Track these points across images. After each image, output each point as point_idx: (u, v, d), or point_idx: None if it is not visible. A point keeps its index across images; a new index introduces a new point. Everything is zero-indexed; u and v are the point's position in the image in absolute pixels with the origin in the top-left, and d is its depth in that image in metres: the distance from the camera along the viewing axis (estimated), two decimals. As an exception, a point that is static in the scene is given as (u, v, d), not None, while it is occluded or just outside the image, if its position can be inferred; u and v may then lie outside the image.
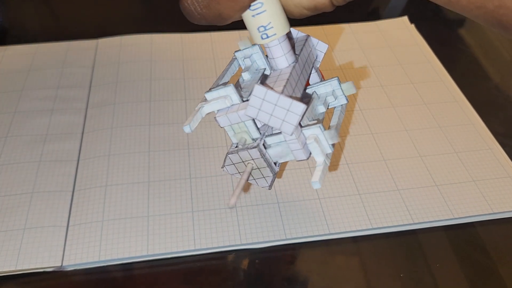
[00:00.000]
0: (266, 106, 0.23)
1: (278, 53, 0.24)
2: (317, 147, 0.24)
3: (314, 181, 0.24)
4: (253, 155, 0.25)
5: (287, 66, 0.25)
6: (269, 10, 0.23)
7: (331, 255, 0.31)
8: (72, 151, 0.37)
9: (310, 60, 0.27)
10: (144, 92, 0.42)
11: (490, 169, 0.36)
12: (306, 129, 0.25)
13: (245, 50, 0.27)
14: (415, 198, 0.34)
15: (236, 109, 0.25)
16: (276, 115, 0.23)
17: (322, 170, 0.24)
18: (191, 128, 0.25)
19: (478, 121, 0.40)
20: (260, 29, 0.23)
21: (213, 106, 0.25)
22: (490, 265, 0.31)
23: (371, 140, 0.38)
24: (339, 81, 0.28)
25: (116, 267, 0.30)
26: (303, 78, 0.26)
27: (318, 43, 0.28)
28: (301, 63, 0.26)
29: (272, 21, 0.23)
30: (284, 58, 0.25)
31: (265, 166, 0.26)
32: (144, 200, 0.34)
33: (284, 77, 0.24)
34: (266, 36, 0.23)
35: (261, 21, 0.23)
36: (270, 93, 0.22)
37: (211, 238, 0.31)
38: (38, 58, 0.46)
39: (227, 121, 0.25)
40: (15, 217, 0.32)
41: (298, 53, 0.26)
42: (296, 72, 0.25)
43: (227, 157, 0.26)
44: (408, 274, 0.30)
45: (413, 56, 0.47)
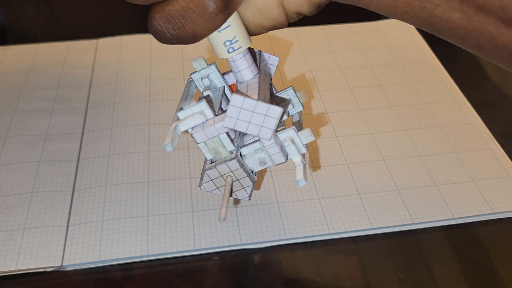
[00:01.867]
0: (244, 115, 0.23)
1: (244, 65, 0.25)
2: (294, 148, 0.25)
3: (298, 179, 0.25)
4: (232, 166, 0.26)
5: (253, 77, 0.26)
6: (233, 25, 0.24)
7: (330, 255, 0.31)
8: (72, 151, 0.37)
9: (267, 73, 0.28)
10: (144, 92, 0.42)
11: (490, 169, 0.36)
12: (281, 133, 0.26)
13: (201, 71, 0.28)
14: (415, 198, 0.34)
15: (212, 123, 0.25)
16: (254, 122, 0.24)
17: (303, 168, 0.26)
18: (172, 147, 0.25)
19: (478, 121, 0.40)
20: (226, 43, 0.24)
21: (188, 124, 0.25)
22: (490, 265, 0.31)
23: (371, 140, 0.38)
24: (294, 89, 0.29)
25: (116, 267, 0.30)
26: (267, 87, 0.27)
27: (270, 57, 0.29)
28: (263, 74, 0.27)
29: (237, 35, 0.24)
30: (249, 70, 0.26)
31: (244, 176, 0.26)
32: (144, 200, 0.34)
33: (254, 86, 0.25)
34: (232, 50, 0.24)
35: (227, 35, 0.23)
36: (248, 101, 0.23)
37: (211, 238, 0.31)
38: (38, 58, 0.46)
39: (204, 136, 0.25)
40: (15, 217, 0.32)
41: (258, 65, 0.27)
42: (262, 82, 0.26)
43: (204, 174, 0.26)
44: (408, 274, 0.30)
45: (413, 56, 0.47)
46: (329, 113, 0.41)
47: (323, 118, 0.40)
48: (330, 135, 0.39)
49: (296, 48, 0.48)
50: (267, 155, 0.26)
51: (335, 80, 0.44)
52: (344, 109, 0.41)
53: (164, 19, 0.22)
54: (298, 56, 0.47)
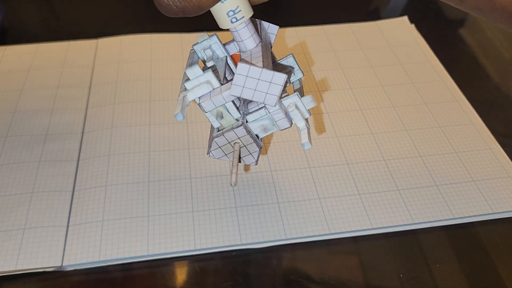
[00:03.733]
0: (250, 82, 0.24)
1: (246, 34, 0.26)
2: (298, 113, 0.27)
3: (304, 142, 0.26)
4: (239, 133, 0.27)
5: (255, 46, 0.26)
6: None
7: (331, 255, 0.31)
8: (72, 151, 0.37)
9: (268, 41, 0.29)
10: (144, 92, 0.42)
11: (490, 169, 0.36)
12: (285, 99, 0.26)
13: (203, 42, 0.28)
14: (415, 198, 0.34)
15: (218, 91, 0.26)
16: (259, 89, 0.24)
17: (307, 132, 0.27)
18: (183, 115, 0.26)
19: (478, 121, 0.40)
20: (229, 13, 0.24)
21: (196, 93, 0.26)
22: (490, 265, 0.31)
23: (371, 140, 0.38)
24: (293, 57, 0.30)
25: (116, 267, 0.30)
26: (269, 56, 0.28)
27: (269, 26, 0.30)
28: (264, 43, 0.28)
29: (239, 5, 0.24)
30: (252, 39, 0.26)
31: (251, 142, 0.27)
32: (144, 200, 0.34)
33: (258, 54, 0.26)
34: (235, 20, 0.25)
35: (230, 5, 0.24)
36: (253, 69, 0.24)
37: (211, 238, 0.31)
38: (38, 58, 0.46)
39: (212, 105, 0.26)
40: (15, 217, 0.32)
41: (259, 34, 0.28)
42: (264, 50, 0.27)
43: (213, 141, 0.27)
44: (408, 274, 0.30)
45: (413, 56, 0.47)
46: (329, 113, 0.41)
47: (323, 118, 0.40)
48: (330, 135, 0.39)
49: (296, 48, 0.48)
50: (271, 121, 0.27)
51: (335, 80, 0.44)
52: (344, 109, 0.41)
53: None
54: (298, 56, 0.47)
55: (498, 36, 0.51)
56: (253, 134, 0.27)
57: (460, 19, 0.54)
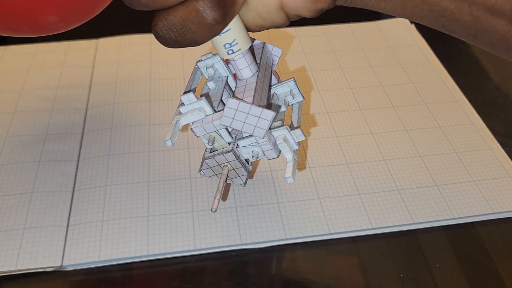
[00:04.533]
0: (239, 116, 0.25)
1: (243, 65, 0.26)
2: (286, 146, 0.27)
3: (287, 176, 0.27)
4: (229, 158, 0.28)
5: (252, 75, 0.27)
6: (233, 29, 0.24)
7: (331, 255, 0.31)
8: (72, 151, 0.37)
9: (268, 65, 0.30)
10: (144, 92, 0.42)
11: (490, 169, 0.36)
12: (275, 131, 0.27)
13: (206, 60, 0.29)
14: (415, 198, 0.34)
15: (210, 119, 0.26)
16: (248, 122, 0.25)
17: (293, 165, 0.28)
18: (172, 142, 0.27)
19: (478, 121, 0.40)
20: (226, 46, 0.25)
21: (188, 119, 0.27)
22: (490, 265, 0.31)
23: (371, 140, 0.38)
24: (295, 81, 0.30)
25: (116, 267, 0.30)
26: (266, 83, 0.28)
27: (273, 48, 0.30)
28: (262, 69, 0.28)
29: (236, 38, 0.25)
30: (248, 69, 0.27)
31: (240, 167, 0.28)
32: (144, 200, 0.34)
33: (251, 86, 0.26)
34: (232, 52, 0.25)
35: (227, 39, 0.25)
36: (243, 104, 0.25)
37: (211, 238, 0.31)
38: (38, 58, 0.46)
39: (203, 131, 0.27)
40: (15, 217, 0.32)
41: (259, 61, 0.28)
42: (260, 80, 0.27)
43: (203, 162, 0.28)
44: (408, 274, 0.30)
45: (413, 56, 0.47)
46: (329, 113, 0.41)
47: (323, 118, 0.40)
48: (330, 135, 0.39)
49: (296, 48, 0.48)
50: (260, 150, 0.28)
51: (335, 80, 0.44)
52: (344, 109, 0.41)
53: (166, 27, 0.23)
54: (298, 56, 0.47)
55: (498, 36, 0.51)
56: (242, 159, 0.28)
57: (460, 19, 0.54)
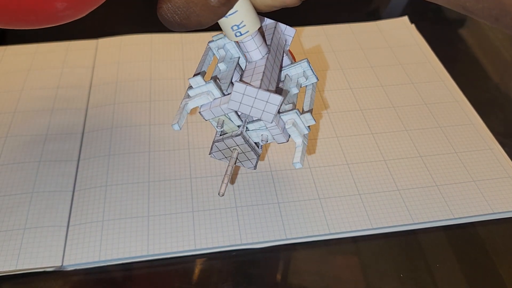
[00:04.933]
0: (247, 100, 0.25)
1: (252, 47, 0.26)
2: (295, 130, 0.26)
3: (295, 162, 0.26)
4: (238, 141, 0.27)
5: (261, 57, 0.26)
6: (240, 10, 0.24)
7: (331, 255, 0.31)
8: (72, 151, 0.37)
9: (281, 45, 0.29)
10: (144, 92, 0.42)
11: (490, 169, 0.36)
12: (284, 115, 0.26)
13: (218, 41, 0.28)
14: (415, 198, 0.34)
15: (218, 103, 0.26)
16: (256, 107, 0.25)
17: (302, 150, 0.27)
18: (179, 126, 0.26)
19: (478, 121, 0.40)
20: (233, 27, 0.24)
21: (196, 102, 0.27)
22: (490, 265, 0.31)
23: (371, 140, 0.38)
24: (308, 62, 0.29)
25: (116, 267, 0.30)
26: (276, 65, 0.28)
27: (286, 28, 0.29)
28: (273, 51, 0.27)
29: (244, 20, 0.24)
30: (257, 51, 0.26)
31: (249, 150, 0.28)
32: (144, 200, 0.34)
33: (259, 70, 0.26)
34: (239, 34, 0.25)
35: (234, 20, 0.24)
36: (250, 89, 0.24)
37: (211, 238, 0.31)
38: (38, 58, 0.46)
39: (211, 114, 0.27)
40: (15, 217, 0.32)
41: (269, 42, 0.27)
42: (270, 62, 0.26)
43: (213, 145, 0.28)
44: (408, 274, 0.30)
45: (413, 56, 0.47)
46: (329, 113, 0.41)
47: (323, 118, 0.40)
48: (330, 135, 0.39)
49: (296, 48, 0.48)
50: (270, 133, 0.27)
51: (335, 80, 0.44)
52: (344, 109, 0.41)
53: (171, 10, 0.23)
54: (298, 56, 0.47)
55: (498, 36, 0.51)
56: (251, 142, 0.28)
57: (460, 19, 0.54)
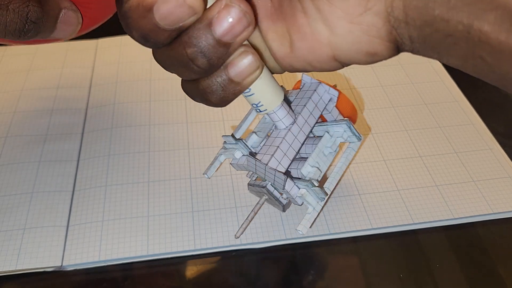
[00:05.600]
0: (260, 168, 0.27)
1: (275, 119, 0.27)
2: (306, 199, 0.28)
3: (298, 229, 0.27)
4: (263, 191, 0.29)
5: (285, 127, 0.27)
6: (257, 93, 0.25)
7: (331, 255, 0.31)
8: (72, 151, 0.37)
9: (320, 104, 0.29)
10: (144, 92, 0.42)
11: (490, 169, 0.36)
12: (299, 183, 0.27)
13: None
14: (415, 198, 0.34)
15: (243, 161, 0.29)
16: (268, 175, 0.27)
17: (309, 219, 0.28)
18: (208, 176, 0.32)
19: (478, 121, 0.40)
20: (253, 105, 0.26)
21: (228, 155, 0.32)
22: (490, 265, 0.31)
23: (371, 141, 0.38)
24: (349, 123, 0.28)
25: (116, 267, 0.30)
26: (304, 131, 0.28)
27: (330, 89, 0.30)
28: (305, 114, 0.28)
29: (261, 101, 0.25)
30: (280, 122, 0.27)
31: (274, 200, 0.30)
32: (144, 200, 0.34)
33: (278, 141, 0.27)
34: (259, 111, 0.26)
35: (252, 100, 0.25)
36: (259, 163, 0.27)
37: (211, 238, 0.31)
38: (38, 58, 0.46)
39: (238, 168, 0.30)
40: (15, 217, 0.32)
41: (300, 110, 0.28)
42: (293, 132, 0.27)
43: (248, 185, 0.32)
44: (408, 274, 0.30)
45: (413, 56, 0.47)
46: (329, 113, 0.41)
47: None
48: (330, 135, 0.39)
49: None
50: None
51: (335, 81, 0.44)
52: (344, 109, 0.41)
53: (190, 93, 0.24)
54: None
55: (498, 36, 0.51)
56: (275, 194, 0.30)
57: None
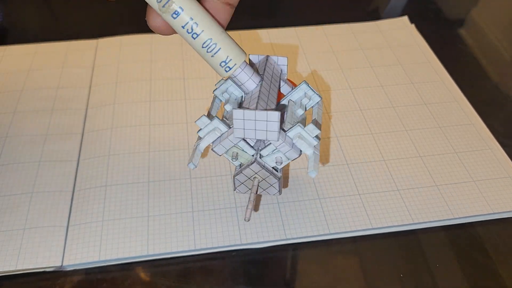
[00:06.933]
0: (248, 124, 0.26)
1: (244, 78, 0.27)
2: (303, 143, 0.27)
3: (310, 171, 0.27)
4: (255, 169, 0.29)
5: (255, 86, 0.28)
6: (223, 47, 0.26)
7: (331, 255, 0.31)
8: (72, 151, 0.37)
9: (276, 75, 0.30)
10: (144, 92, 0.42)
11: (490, 169, 0.36)
12: (289, 132, 0.28)
13: (221, 86, 0.30)
14: (415, 198, 0.34)
15: (226, 136, 0.28)
16: (259, 129, 0.26)
17: (314, 160, 0.28)
18: (195, 165, 0.29)
19: (478, 121, 0.40)
20: (222, 64, 0.26)
21: (207, 140, 0.29)
22: (490, 265, 0.31)
23: (371, 140, 0.38)
24: (307, 83, 0.30)
25: (116, 267, 0.30)
26: (273, 91, 0.29)
27: (278, 59, 0.31)
28: (267, 80, 0.29)
29: (229, 55, 0.26)
30: (251, 81, 0.28)
31: (268, 175, 0.29)
32: (144, 200, 0.34)
33: (255, 96, 0.27)
34: (229, 69, 0.27)
35: (220, 57, 0.26)
36: (247, 112, 0.26)
37: (211, 238, 0.31)
38: (38, 58, 0.46)
39: (223, 148, 0.28)
40: (15, 217, 0.32)
41: (262, 72, 0.29)
42: (265, 88, 0.28)
43: (235, 179, 0.29)
44: (408, 274, 0.30)
45: (413, 56, 0.47)
46: (329, 113, 0.41)
47: (323, 118, 0.40)
48: (330, 135, 0.39)
49: (296, 48, 0.48)
50: (282, 154, 0.28)
51: (335, 80, 0.44)
52: (344, 109, 0.41)
53: None
54: (298, 56, 0.47)
55: (498, 36, 0.51)
56: (268, 167, 0.29)
57: (460, 19, 0.54)
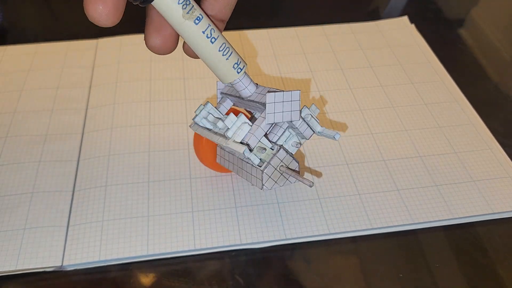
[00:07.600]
0: (278, 107, 0.28)
1: (248, 81, 0.29)
2: (314, 121, 0.30)
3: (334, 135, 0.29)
4: (281, 156, 0.29)
5: (256, 88, 0.30)
6: (233, 50, 0.27)
7: (330, 255, 0.31)
8: (72, 151, 0.37)
9: None
10: (144, 92, 0.42)
11: (490, 169, 0.36)
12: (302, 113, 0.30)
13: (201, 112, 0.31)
14: (415, 198, 0.34)
15: (255, 128, 0.29)
16: (285, 110, 0.28)
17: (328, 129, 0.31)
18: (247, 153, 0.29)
19: (478, 121, 0.40)
20: (234, 66, 0.28)
21: (240, 135, 0.29)
22: (490, 265, 0.31)
23: (371, 140, 0.38)
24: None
25: (116, 267, 0.30)
26: None
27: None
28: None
29: (238, 57, 0.28)
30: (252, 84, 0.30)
31: (291, 160, 0.30)
32: (144, 200, 0.34)
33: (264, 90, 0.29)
34: (240, 70, 0.28)
35: (233, 60, 0.28)
36: (277, 94, 0.28)
37: (211, 238, 0.31)
38: (38, 58, 0.46)
39: (255, 139, 0.29)
40: (15, 217, 0.32)
41: None
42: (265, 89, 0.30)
43: (263, 174, 0.30)
44: (408, 274, 0.30)
45: (413, 56, 0.47)
46: (329, 113, 0.41)
47: (323, 118, 0.40)
48: (330, 135, 0.39)
49: (296, 48, 0.48)
50: (297, 137, 0.31)
51: (335, 80, 0.44)
52: (344, 109, 0.41)
53: None
54: (298, 56, 0.47)
55: (498, 36, 0.51)
56: (290, 152, 0.30)
57: (460, 19, 0.54)
